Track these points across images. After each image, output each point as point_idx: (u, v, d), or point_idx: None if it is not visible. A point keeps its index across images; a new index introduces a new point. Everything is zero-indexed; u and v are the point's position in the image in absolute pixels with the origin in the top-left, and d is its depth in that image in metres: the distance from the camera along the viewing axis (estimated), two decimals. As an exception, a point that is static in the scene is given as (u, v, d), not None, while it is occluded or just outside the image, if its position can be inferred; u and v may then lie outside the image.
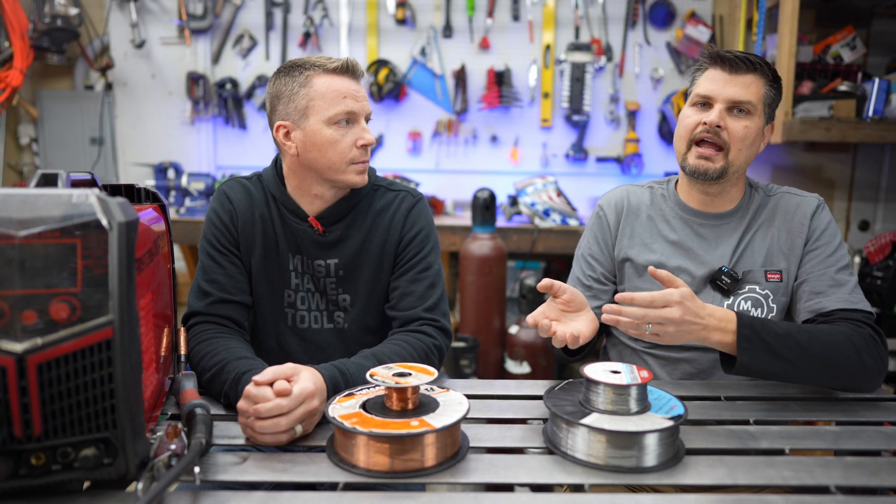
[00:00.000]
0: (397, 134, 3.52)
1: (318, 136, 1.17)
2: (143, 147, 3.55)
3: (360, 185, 1.23)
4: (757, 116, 1.18)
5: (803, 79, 2.67)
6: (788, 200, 1.25)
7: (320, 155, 1.18)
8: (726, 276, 1.22)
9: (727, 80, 1.17)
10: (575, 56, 3.30)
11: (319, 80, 1.17)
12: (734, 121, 1.17)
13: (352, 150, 1.19)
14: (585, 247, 1.36)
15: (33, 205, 0.69)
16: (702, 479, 0.82)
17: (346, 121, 1.18)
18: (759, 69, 1.17)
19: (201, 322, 1.18)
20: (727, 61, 1.17)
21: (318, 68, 1.17)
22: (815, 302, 1.17)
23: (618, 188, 1.38)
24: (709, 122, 1.17)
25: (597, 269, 1.33)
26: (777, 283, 1.22)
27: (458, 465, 0.84)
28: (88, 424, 0.70)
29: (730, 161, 1.18)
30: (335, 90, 1.17)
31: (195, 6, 3.41)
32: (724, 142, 1.17)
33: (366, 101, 1.22)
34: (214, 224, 1.25)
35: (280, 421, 0.88)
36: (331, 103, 1.17)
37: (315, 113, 1.17)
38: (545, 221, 2.96)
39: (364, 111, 1.20)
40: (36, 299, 0.68)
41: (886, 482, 0.82)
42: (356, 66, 1.20)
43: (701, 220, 1.27)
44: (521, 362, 2.69)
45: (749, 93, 1.16)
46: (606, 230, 1.34)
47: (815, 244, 1.21)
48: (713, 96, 1.18)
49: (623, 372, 0.91)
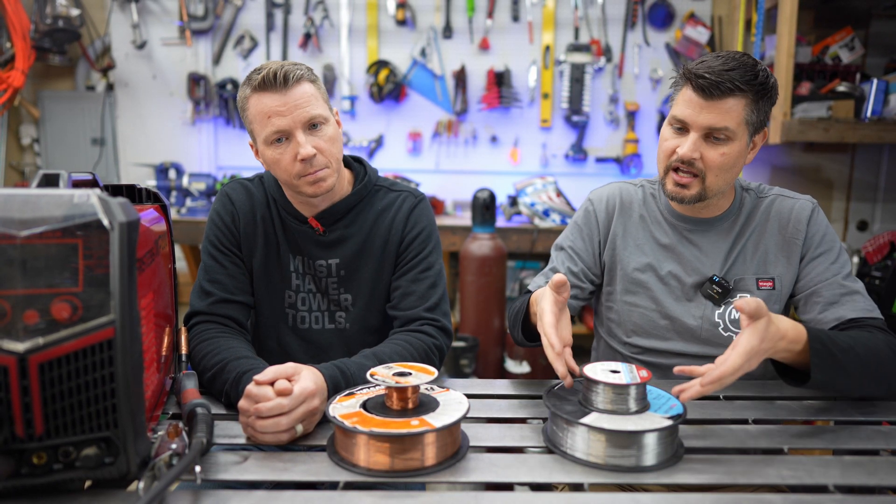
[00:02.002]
0: (397, 134, 3.53)
1: (265, 157, 1.17)
2: (144, 147, 3.55)
3: (317, 194, 1.17)
4: (737, 140, 1.11)
5: (802, 79, 2.67)
6: (782, 204, 1.22)
7: (274, 172, 1.19)
8: (717, 286, 1.19)
9: (703, 107, 1.08)
10: (574, 57, 3.30)
11: (251, 100, 1.13)
12: (710, 149, 1.11)
13: (294, 165, 1.14)
14: (568, 239, 1.31)
15: (35, 205, 0.70)
16: (701, 478, 0.82)
17: (279, 139, 1.13)
18: (740, 90, 1.06)
19: (203, 322, 1.18)
20: (703, 88, 1.07)
21: (249, 87, 1.13)
22: (832, 312, 1.14)
23: (610, 184, 1.33)
24: (681, 155, 1.11)
25: (578, 263, 1.28)
26: (769, 290, 1.20)
27: (458, 465, 0.84)
28: (90, 424, 0.71)
29: (707, 186, 1.13)
30: (260, 112, 1.12)
31: (196, 7, 3.41)
32: (701, 170, 1.12)
33: (302, 107, 1.11)
34: (216, 224, 1.26)
35: (281, 420, 0.88)
36: (261, 125, 1.13)
37: (256, 135, 1.16)
38: (545, 221, 2.96)
39: (297, 122, 1.11)
40: (37, 299, 0.68)
41: (885, 481, 0.82)
42: (276, 77, 1.09)
43: (690, 226, 1.24)
44: (520, 362, 2.70)
45: (727, 119, 1.08)
46: (594, 226, 1.29)
47: (818, 251, 1.18)
48: (688, 122, 1.10)
49: (622, 371, 0.91)
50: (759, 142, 1.18)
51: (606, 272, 1.30)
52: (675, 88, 1.16)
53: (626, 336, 1.28)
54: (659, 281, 1.25)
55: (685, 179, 1.14)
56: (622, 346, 1.30)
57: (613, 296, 1.30)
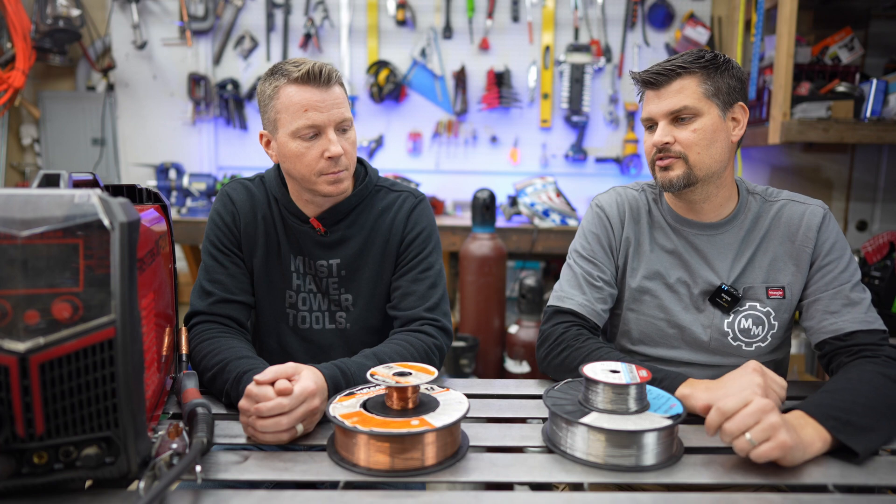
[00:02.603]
0: (397, 134, 3.53)
1: (286, 149, 1.16)
2: (144, 148, 3.56)
3: (333, 194, 1.19)
4: (705, 116, 1.13)
5: (801, 80, 2.67)
6: (792, 209, 1.19)
7: (292, 166, 1.18)
8: (726, 294, 1.17)
9: (658, 96, 1.15)
10: (574, 57, 3.30)
11: (285, 91, 1.14)
12: (680, 130, 1.14)
13: (319, 162, 1.15)
14: (585, 248, 1.27)
15: (36, 205, 0.70)
16: (700, 477, 0.82)
17: (311, 134, 1.15)
18: (685, 70, 1.12)
19: (203, 322, 1.19)
20: (649, 82, 1.15)
21: (285, 78, 1.13)
22: (831, 322, 1.12)
23: (614, 189, 1.31)
24: (654, 142, 1.15)
25: (606, 272, 1.25)
26: (779, 300, 1.18)
27: (458, 464, 0.84)
28: (90, 423, 0.71)
29: (692, 164, 1.14)
30: (297, 103, 1.13)
31: (196, 7, 3.42)
32: (679, 152, 1.14)
33: (337, 108, 1.15)
34: (217, 225, 1.26)
35: (281, 420, 0.88)
36: (293, 117, 1.13)
37: (282, 125, 1.15)
38: (544, 222, 2.97)
39: (332, 121, 1.14)
40: (38, 299, 0.68)
41: (884, 481, 0.82)
42: (321, 73, 1.13)
43: (695, 231, 1.21)
44: (520, 362, 2.70)
45: (682, 98, 1.12)
46: (610, 232, 1.26)
47: (826, 259, 1.15)
48: (653, 117, 1.16)
49: (622, 371, 0.91)
50: (742, 117, 1.17)
51: (619, 279, 1.27)
52: (641, 99, 1.21)
53: (633, 344, 1.26)
54: (667, 289, 1.22)
55: (666, 161, 1.16)
56: (628, 354, 1.27)
57: (620, 303, 1.27)
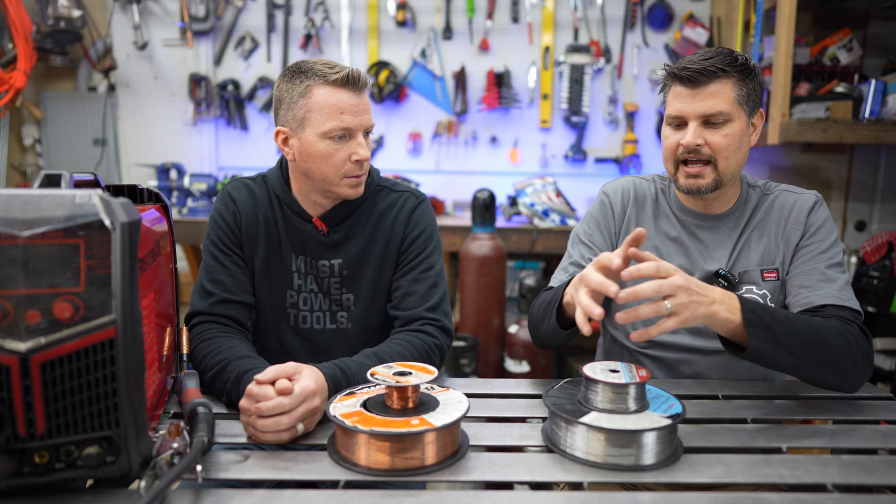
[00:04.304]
0: (397, 135, 3.53)
1: (313, 148, 1.16)
2: (145, 148, 3.56)
3: (353, 197, 1.22)
4: (736, 120, 1.14)
5: (800, 80, 2.67)
6: (786, 198, 1.23)
7: (314, 166, 1.18)
8: (723, 279, 1.20)
9: (693, 96, 1.14)
10: (574, 58, 3.31)
11: (319, 91, 1.14)
12: (712, 133, 1.14)
13: (345, 164, 1.17)
14: (585, 232, 1.31)
15: (37, 205, 0.70)
16: (700, 477, 0.82)
17: (341, 136, 1.16)
18: (724, 73, 1.12)
19: (204, 321, 1.19)
20: (687, 79, 1.13)
21: (319, 78, 1.14)
22: (804, 296, 1.14)
23: (623, 177, 1.34)
24: (685, 144, 1.15)
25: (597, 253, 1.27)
26: (774, 281, 1.21)
27: (458, 464, 0.85)
28: (91, 423, 0.71)
29: (721, 171, 1.16)
30: (332, 104, 1.14)
31: (197, 8, 3.42)
32: (710, 155, 1.15)
33: (367, 113, 1.18)
34: (218, 224, 1.26)
35: (282, 419, 0.88)
36: (327, 118, 1.14)
37: (311, 125, 1.15)
38: (544, 222, 2.97)
39: (362, 125, 1.17)
40: (39, 299, 0.69)
41: (883, 480, 0.83)
42: (358, 78, 1.16)
43: (698, 222, 1.25)
44: (520, 361, 2.70)
45: (719, 102, 1.13)
46: (610, 218, 1.30)
47: (810, 240, 1.19)
48: (684, 115, 1.15)
49: (622, 371, 0.91)
50: (759, 124, 1.21)
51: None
52: (664, 91, 1.21)
53: (633, 328, 1.28)
54: None
55: (696, 169, 1.16)
56: (629, 339, 1.30)
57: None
